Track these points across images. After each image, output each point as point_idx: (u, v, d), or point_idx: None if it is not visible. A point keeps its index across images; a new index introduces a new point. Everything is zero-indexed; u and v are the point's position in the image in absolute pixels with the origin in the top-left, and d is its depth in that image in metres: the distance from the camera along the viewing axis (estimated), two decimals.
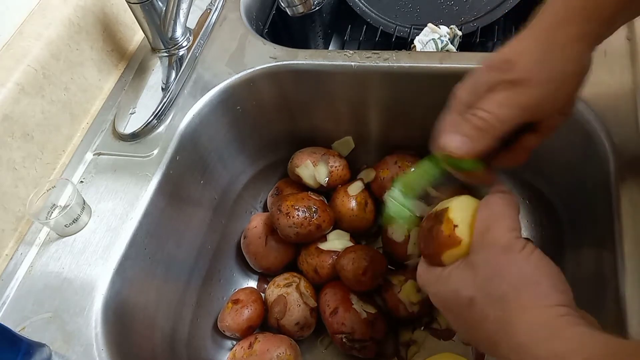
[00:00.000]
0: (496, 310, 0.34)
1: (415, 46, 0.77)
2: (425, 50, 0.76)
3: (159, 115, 0.64)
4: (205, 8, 0.75)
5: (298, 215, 0.67)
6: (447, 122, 0.42)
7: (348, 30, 0.88)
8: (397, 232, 0.70)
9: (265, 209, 0.81)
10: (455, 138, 0.40)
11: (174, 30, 0.69)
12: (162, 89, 0.66)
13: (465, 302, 0.36)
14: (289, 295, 0.68)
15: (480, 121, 0.39)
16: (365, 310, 0.64)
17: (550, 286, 0.34)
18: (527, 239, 0.38)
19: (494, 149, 0.41)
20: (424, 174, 0.46)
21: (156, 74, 0.68)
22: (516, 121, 0.39)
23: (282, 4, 0.61)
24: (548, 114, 0.40)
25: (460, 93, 0.42)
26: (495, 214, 0.38)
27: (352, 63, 0.65)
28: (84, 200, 0.56)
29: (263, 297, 0.72)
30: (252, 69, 0.67)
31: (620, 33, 0.59)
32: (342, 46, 0.93)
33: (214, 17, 0.74)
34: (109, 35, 0.69)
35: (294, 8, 0.60)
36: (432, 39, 0.76)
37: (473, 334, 0.37)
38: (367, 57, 0.65)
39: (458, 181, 0.45)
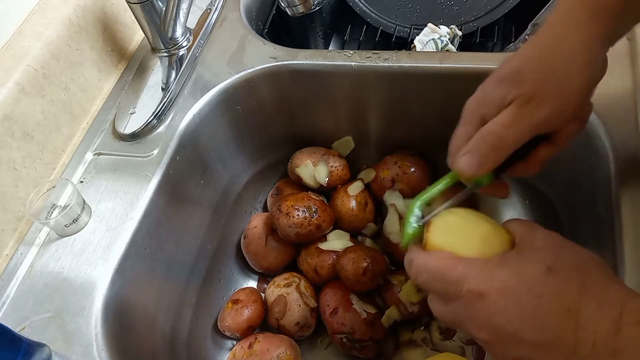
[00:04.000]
0: (579, 276, 0.33)
1: (415, 46, 0.77)
2: (425, 50, 0.76)
3: (159, 115, 0.64)
4: (205, 8, 0.75)
5: (298, 215, 0.67)
6: (460, 136, 0.42)
7: (348, 30, 0.88)
8: (394, 234, 0.70)
9: (265, 209, 0.81)
10: (470, 159, 0.40)
11: (174, 30, 0.69)
12: (162, 89, 0.66)
13: (541, 273, 0.34)
14: (289, 295, 0.68)
15: (494, 139, 0.39)
16: (365, 310, 0.64)
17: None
18: None
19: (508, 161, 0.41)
20: (442, 192, 0.46)
21: (156, 74, 0.68)
22: (529, 136, 0.39)
23: (282, 4, 0.61)
24: (562, 125, 0.40)
25: (471, 105, 0.42)
26: (533, 223, 0.39)
27: (352, 63, 0.65)
28: (84, 200, 0.56)
29: (263, 297, 0.72)
30: (252, 69, 0.67)
31: None
32: (342, 46, 0.93)
33: (214, 17, 0.74)
34: (109, 35, 0.69)
35: (294, 8, 0.60)
36: (432, 39, 0.76)
37: (548, 308, 0.33)
38: (367, 57, 0.65)
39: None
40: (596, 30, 0.37)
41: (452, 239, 0.41)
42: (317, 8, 0.90)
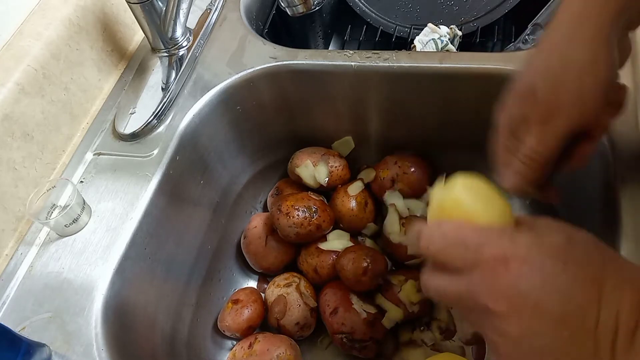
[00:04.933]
0: (599, 249, 0.33)
1: (415, 46, 0.77)
2: (425, 50, 0.76)
3: (159, 115, 0.64)
4: (205, 8, 0.75)
5: (298, 215, 0.67)
6: (500, 149, 0.44)
7: (348, 30, 0.88)
8: (394, 234, 0.70)
9: (265, 209, 0.81)
10: (509, 177, 0.43)
11: (174, 30, 0.69)
12: (162, 89, 0.66)
13: (563, 242, 0.33)
14: (289, 295, 0.68)
15: (526, 158, 0.41)
16: (365, 310, 0.64)
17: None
18: None
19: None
20: None
21: (156, 74, 0.68)
22: (561, 148, 0.40)
23: (282, 4, 0.61)
24: (591, 123, 0.40)
25: (502, 121, 0.43)
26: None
27: (352, 63, 0.65)
28: (84, 200, 0.56)
29: (263, 297, 0.72)
30: (252, 69, 0.67)
31: None
32: (342, 46, 0.93)
33: (214, 17, 0.74)
34: (109, 35, 0.69)
35: (294, 8, 0.60)
36: (432, 39, 0.76)
37: (575, 276, 0.31)
38: (367, 57, 0.65)
39: None
40: (607, 16, 0.37)
41: (470, 202, 0.37)
42: (317, 8, 0.90)
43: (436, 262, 0.36)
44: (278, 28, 0.85)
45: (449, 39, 0.76)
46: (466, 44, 0.79)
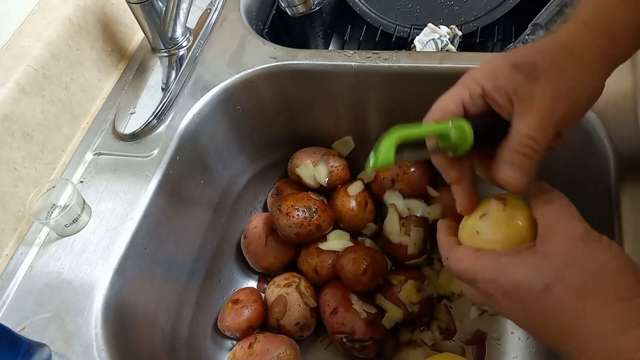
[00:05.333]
0: (574, 300, 0.33)
1: (415, 46, 0.77)
2: (425, 50, 0.76)
3: (159, 115, 0.64)
4: (205, 8, 0.75)
5: (298, 215, 0.67)
6: (451, 98, 0.41)
7: (348, 30, 0.88)
8: (394, 234, 0.70)
9: (265, 209, 0.81)
10: (516, 174, 0.39)
11: (174, 30, 0.69)
12: (162, 89, 0.66)
13: (538, 290, 0.34)
14: (289, 295, 0.68)
15: (530, 151, 0.38)
16: (365, 310, 0.64)
17: (634, 279, 0.33)
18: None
19: None
20: (429, 134, 0.43)
21: (156, 74, 0.68)
22: (553, 136, 0.39)
23: (282, 4, 0.61)
24: (571, 125, 0.40)
25: (477, 74, 0.40)
26: (562, 207, 0.38)
27: (352, 63, 0.65)
28: (84, 200, 0.56)
29: (263, 297, 0.72)
30: (252, 69, 0.67)
31: None
32: (342, 46, 0.93)
33: (214, 17, 0.74)
34: (109, 35, 0.69)
35: (294, 8, 0.60)
36: (432, 39, 0.76)
37: (542, 324, 0.35)
38: (367, 57, 0.65)
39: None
40: (609, 52, 0.38)
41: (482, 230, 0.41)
42: (317, 8, 0.90)
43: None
44: (278, 28, 0.85)
45: (449, 39, 0.76)
46: (466, 44, 0.79)
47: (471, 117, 0.41)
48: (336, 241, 0.71)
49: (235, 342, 0.69)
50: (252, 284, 0.77)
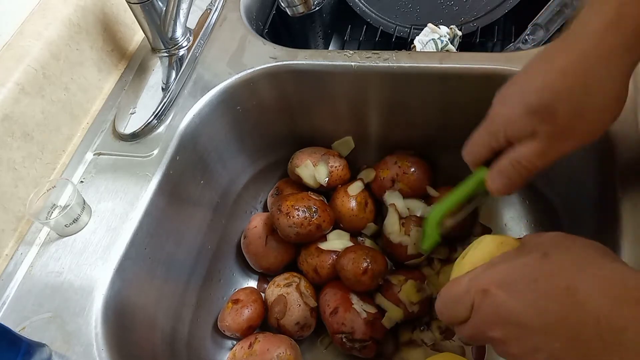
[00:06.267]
0: (575, 266, 0.34)
1: (415, 46, 0.77)
2: (425, 50, 0.76)
3: (159, 115, 0.64)
4: (205, 8, 0.75)
5: (298, 215, 0.67)
6: (480, 143, 0.46)
7: (348, 30, 0.88)
8: (394, 234, 0.70)
9: (265, 209, 0.81)
10: (501, 182, 0.45)
11: (174, 30, 0.69)
12: (162, 89, 0.66)
13: (536, 258, 0.35)
14: (289, 295, 0.68)
15: (523, 170, 0.43)
16: (365, 310, 0.64)
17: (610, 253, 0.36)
18: None
19: None
20: (464, 198, 0.51)
21: (156, 74, 0.68)
22: (553, 162, 0.42)
23: (282, 4, 0.61)
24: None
25: (499, 121, 0.44)
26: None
27: (352, 63, 0.65)
28: (84, 200, 0.56)
29: (263, 297, 0.72)
30: (252, 69, 0.67)
31: None
32: (342, 46, 0.93)
33: (214, 17, 0.74)
34: (109, 35, 0.69)
35: (294, 8, 0.60)
36: (432, 39, 0.76)
37: (545, 290, 0.34)
38: (367, 57, 0.65)
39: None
40: (629, 58, 0.38)
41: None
42: (317, 8, 0.90)
43: (452, 322, 0.40)
44: (278, 28, 0.85)
45: (449, 39, 0.76)
46: (466, 44, 0.79)
47: None
48: (336, 241, 0.71)
49: (235, 342, 0.69)
50: (252, 284, 0.77)
